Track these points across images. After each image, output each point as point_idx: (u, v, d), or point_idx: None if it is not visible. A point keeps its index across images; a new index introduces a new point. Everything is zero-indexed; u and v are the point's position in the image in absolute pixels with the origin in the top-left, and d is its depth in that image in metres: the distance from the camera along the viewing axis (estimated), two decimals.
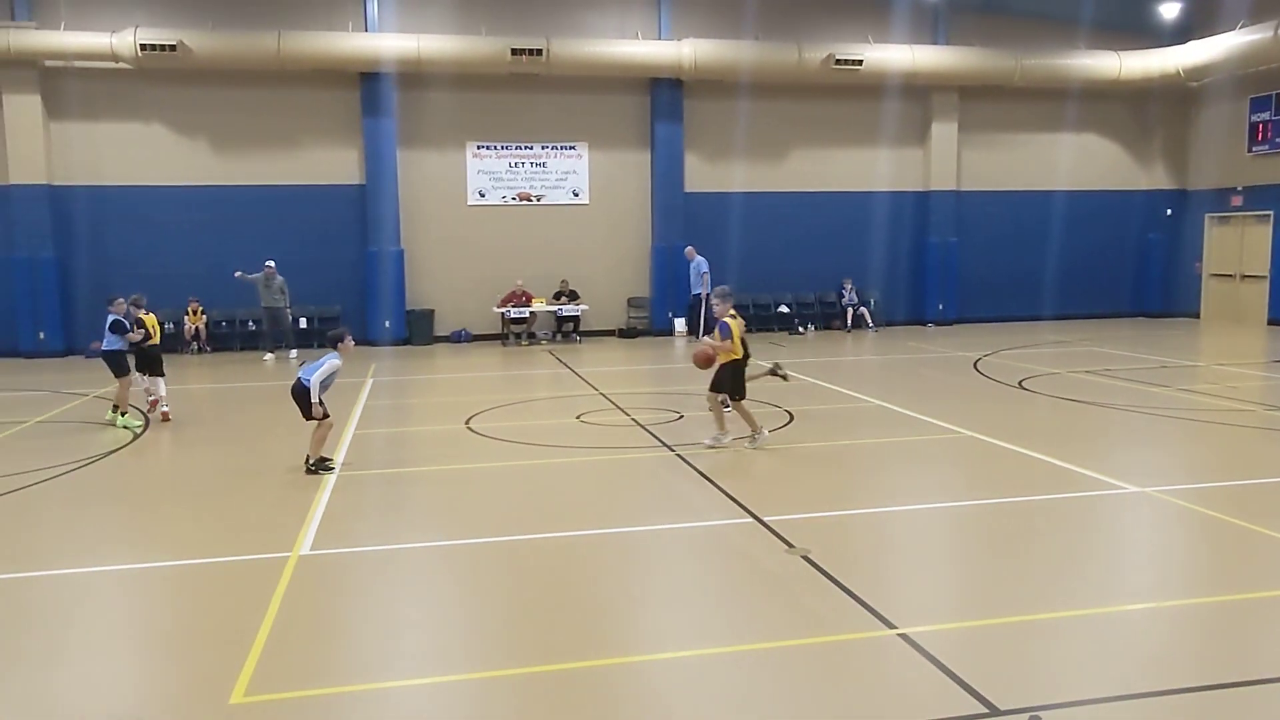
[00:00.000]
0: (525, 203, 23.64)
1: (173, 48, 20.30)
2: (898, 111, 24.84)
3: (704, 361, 10.87)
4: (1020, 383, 15.07)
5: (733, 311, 10.95)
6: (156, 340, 13.52)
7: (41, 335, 21.21)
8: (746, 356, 10.88)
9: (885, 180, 25.16)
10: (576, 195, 23.83)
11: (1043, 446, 10.26)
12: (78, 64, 21.06)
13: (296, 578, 6.67)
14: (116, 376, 12.92)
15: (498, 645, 5.59)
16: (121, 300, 13.16)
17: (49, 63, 20.97)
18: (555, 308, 23.07)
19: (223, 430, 12.87)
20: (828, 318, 24.85)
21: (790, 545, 7.10)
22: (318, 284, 21.96)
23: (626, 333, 23.90)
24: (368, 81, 22.12)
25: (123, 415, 12.79)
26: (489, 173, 23.39)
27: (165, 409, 13.20)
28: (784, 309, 24.59)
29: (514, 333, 22.85)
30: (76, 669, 5.40)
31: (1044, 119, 25.72)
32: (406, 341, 22.62)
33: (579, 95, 23.34)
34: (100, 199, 21.58)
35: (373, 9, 22.16)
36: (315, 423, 9.78)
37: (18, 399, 15.59)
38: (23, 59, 20.59)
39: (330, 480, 9.49)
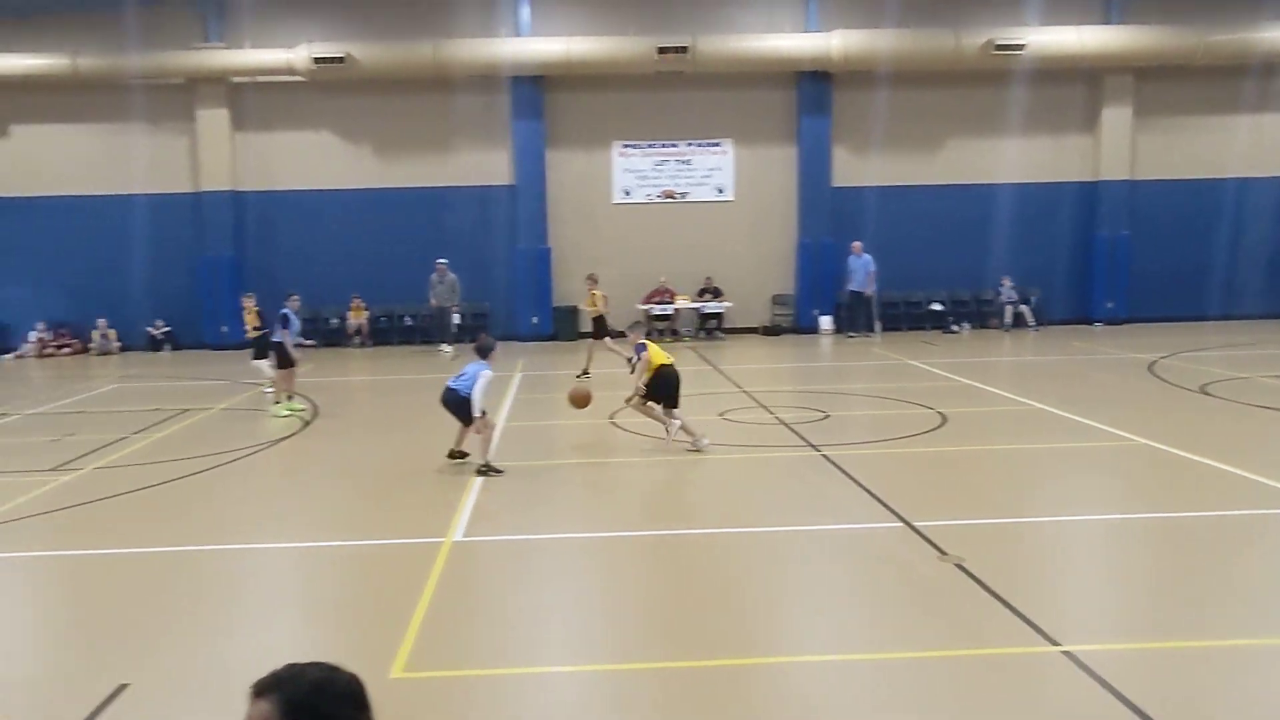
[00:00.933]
0: (670, 200, 23.90)
1: (341, 59, 21.49)
2: (1062, 97, 23.71)
3: (582, 402, 11.39)
4: (1202, 387, 13.98)
5: (643, 340, 11.29)
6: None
7: (224, 329, 22.79)
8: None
9: (1047, 171, 24.10)
10: (721, 192, 23.94)
11: (1229, 457, 9.44)
12: (259, 79, 22.57)
13: (450, 562, 7.06)
14: (281, 367, 13.75)
15: (639, 638, 5.78)
16: (296, 297, 14.08)
17: (235, 79, 22.57)
18: (699, 304, 23.25)
19: (381, 420, 13.60)
20: (984, 316, 24.01)
21: (943, 553, 6.90)
22: (469, 282, 22.77)
23: (770, 330, 23.85)
24: (518, 85, 22.81)
25: (290, 401, 13.65)
26: (634, 171, 23.76)
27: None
28: (937, 307, 23.94)
29: (657, 329, 23.15)
30: (248, 637, 5.92)
31: (1229, 99, 23.68)
32: (552, 337, 23.22)
33: (724, 91, 23.42)
34: (275, 202, 23.06)
35: (524, 15, 22.84)
36: (474, 426, 10.02)
37: (202, 388, 16.85)
38: (213, 76, 22.33)
39: None
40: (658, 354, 10.98)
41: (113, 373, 18.96)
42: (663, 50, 21.91)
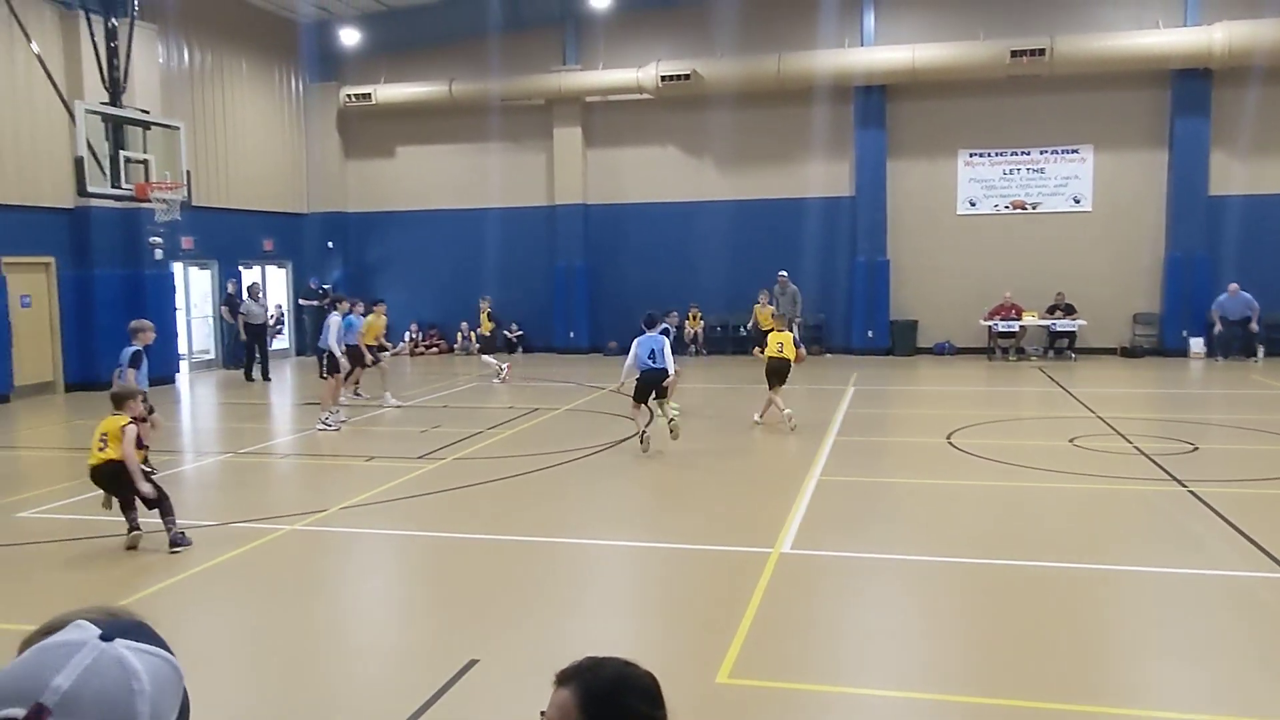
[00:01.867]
0: (1019, 211, 22.49)
1: (687, 76, 22.27)
2: None
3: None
4: None
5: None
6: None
7: (571, 334, 24.36)
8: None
9: None
10: (1077, 202, 22.18)
11: None
12: (610, 98, 23.92)
13: (777, 573, 7.00)
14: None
15: (965, 670, 5.44)
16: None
17: (588, 98, 24.07)
18: (1048, 322, 21.65)
19: (713, 427, 13.84)
20: None
21: None
22: (807, 294, 22.66)
23: (1130, 351, 21.74)
24: (861, 94, 22.49)
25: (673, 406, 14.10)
26: (981, 180, 22.61)
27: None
28: None
29: (1001, 347, 21.84)
30: (585, 625, 6.20)
31: None
32: (888, 352, 22.62)
33: (1084, 94, 21.69)
34: (621, 214, 24.31)
35: (868, 24, 22.47)
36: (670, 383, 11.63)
37: (551, 389, 18.05)
38: (570, 97, 23.95)
39: (812, 484, 9.80)
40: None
41: (472, 372, 20.81)
42: (1016, 53, 20.68)
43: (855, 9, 22.51)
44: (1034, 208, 22.41)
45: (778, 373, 13.12)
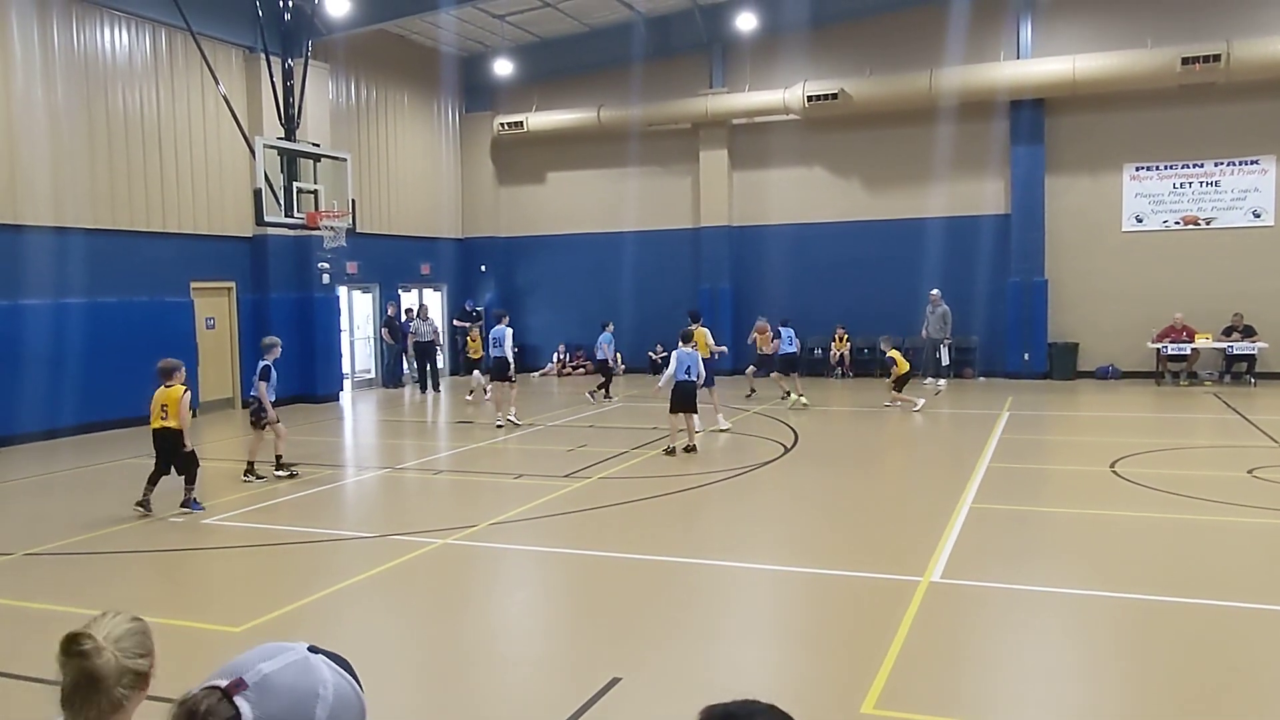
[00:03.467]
0: (1191, 227, 21.26)
1: (834, 96, 22.05)
2: None
3: None
4: None
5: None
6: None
7: (716, 355, 24.30)
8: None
9: None
10: (1258, 216, 20.80)
11: None
12: (756, 120, 23.93)
13: (926, 602, 6.82)
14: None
15: (1124, 715, 5.14)
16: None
17: (735, 121, 24.14)
18: (1224, 345, 20.32)
19: (861, 451, 13.59)
20: None
21: None
22: (957, 315, 22.01)
23: None
24: (1017, 109, 21.77)
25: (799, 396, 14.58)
26: (1149, 195, 21.49)
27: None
28: None
29: (1171, 371, 20.64)
30: (729, 648, 6.18)
31: None
32: (1046, 375, 21.70)
33: (1265, 102, 20.36)
34: (765, 236, 24.22)
35: (1025, 35, 21.74)
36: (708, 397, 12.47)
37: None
38: (716, 120, 24.07)
39: (963, 511, 9.51)
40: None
41: (619, 392, 21.05)
42: (1187, 61, 19.61)
43: (1011, 21, 21.84)
44: (1208, 223, 21.15)
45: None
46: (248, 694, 1.31)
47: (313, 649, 1.40)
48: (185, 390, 9.86)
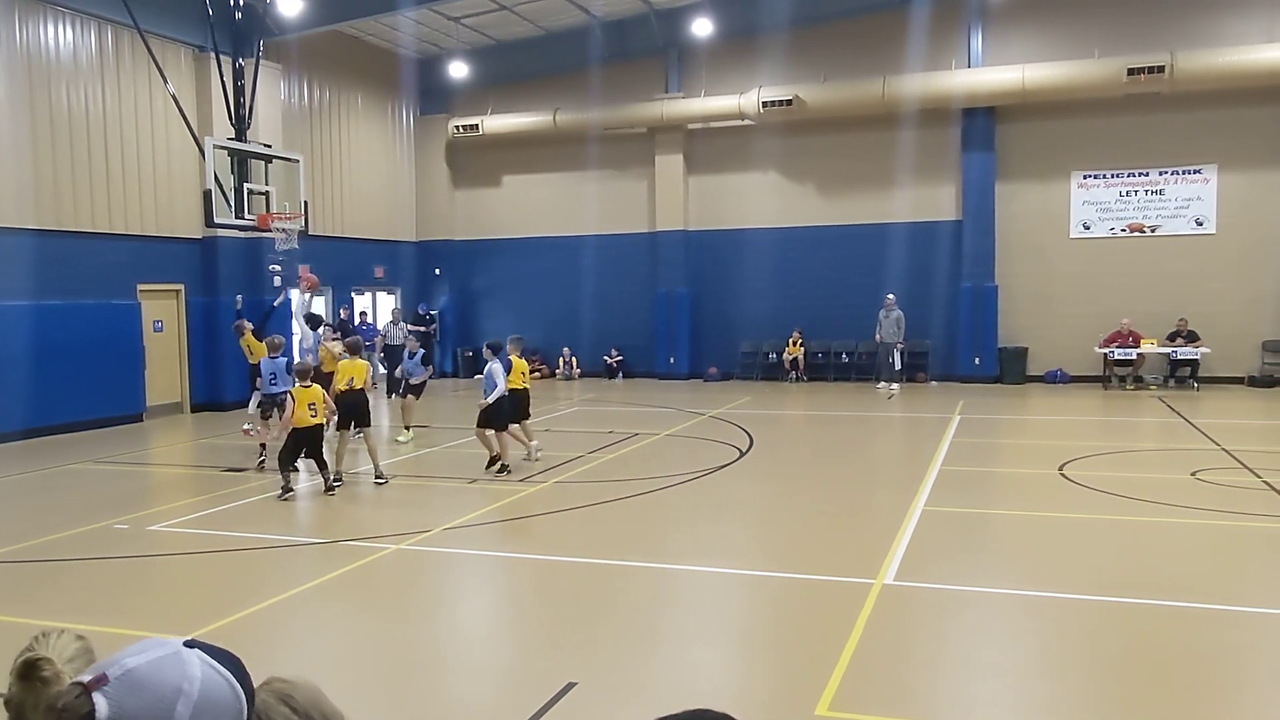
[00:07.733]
0: (1136, 234, 21.71)
1: (789, 102, 22.22)
2: None
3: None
4: None
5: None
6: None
7: (672, 360, 24.42)
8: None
9: None
10: (1200, 224, 21.30)
11: None
12: (712, 124, 24.03)
13: (880, 604, 6.88)
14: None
15: (1074, 712, 5.23)
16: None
17: (691, 125, 24.22)
18: (1169, 349, 20.78)
19: (814, 454, 13.69)
20: None
21: None
22: (912, 319, 22.26)
23: (1259, 381, 20.69)
24: (969, 117, 22.08)
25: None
26: (1096, 203, 21.91)
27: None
28: None
29: (1118, 375, 21.05)
30: (684, 650, 6.19)
31: None
32: (997, 380, 22.02)
33: (1207, 112, 20.86)
34: (722, 241, 24.32)
35: (976, 44, 22.07)
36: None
37: (650, 414, 18.12)
38: (672, 124, 24.13)
39: (916, 514, 9.62)
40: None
41: (575, 396, 21.03)
42: (1134, 71, 20.04)
43: (963, 30, 22.16)
44: (1153, 231, 21.61)
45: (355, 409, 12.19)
46: (108, 689, 1.27)
47: (190, 643, 1.34)
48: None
